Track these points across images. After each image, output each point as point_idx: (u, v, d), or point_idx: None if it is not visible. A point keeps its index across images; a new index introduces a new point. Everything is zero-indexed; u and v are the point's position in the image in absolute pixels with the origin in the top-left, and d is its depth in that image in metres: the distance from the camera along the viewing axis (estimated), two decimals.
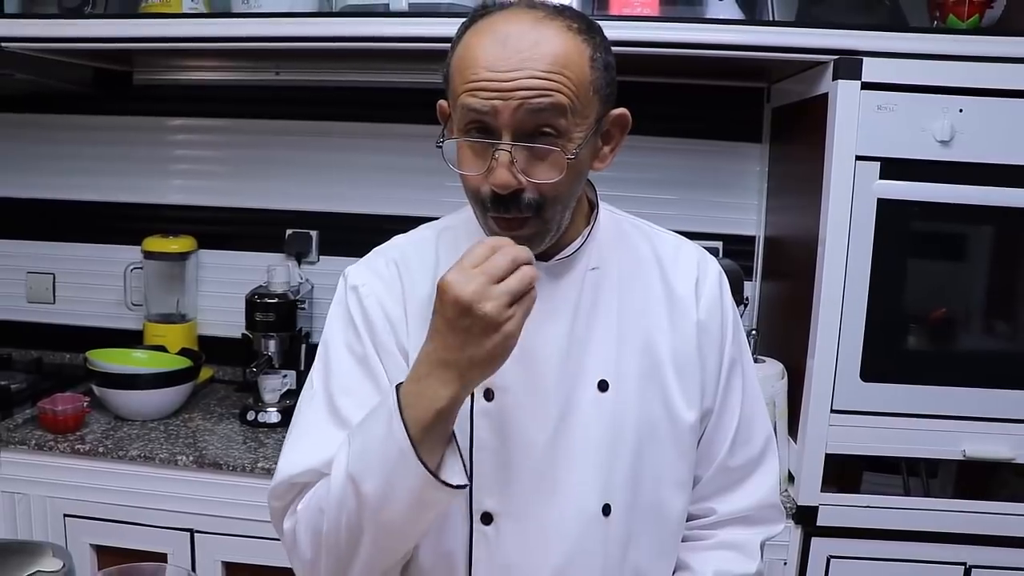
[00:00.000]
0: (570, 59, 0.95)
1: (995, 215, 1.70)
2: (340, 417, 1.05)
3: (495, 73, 0.93)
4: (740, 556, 1.16)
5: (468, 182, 1.01)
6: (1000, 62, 1.65)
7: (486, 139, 0.96)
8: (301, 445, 1.06)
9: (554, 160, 0.96)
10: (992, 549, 1.73)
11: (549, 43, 0.94)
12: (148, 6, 2.03)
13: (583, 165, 1.01)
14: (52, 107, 2.47)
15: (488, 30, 0.97)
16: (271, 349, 2.19)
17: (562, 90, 0.94)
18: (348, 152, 2.38)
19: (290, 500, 1.05)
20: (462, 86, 0.96)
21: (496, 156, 0.95)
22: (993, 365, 1.74)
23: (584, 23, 1.00)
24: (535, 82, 0.93)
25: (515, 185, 0.96)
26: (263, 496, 1.10)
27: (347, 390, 1.07)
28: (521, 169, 0.96)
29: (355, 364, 1.08)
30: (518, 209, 0.98)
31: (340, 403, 1.06)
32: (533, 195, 0.97)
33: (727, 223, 2.28)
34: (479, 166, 0.98)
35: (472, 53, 0.96)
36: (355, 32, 1.86)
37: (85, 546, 1.92)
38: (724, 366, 1.14)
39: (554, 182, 0.97)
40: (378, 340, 1.09)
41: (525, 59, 0.93)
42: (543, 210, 0.99)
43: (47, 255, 2.53)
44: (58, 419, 1.96)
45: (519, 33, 0.95)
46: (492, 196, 0.97)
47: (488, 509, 1.05)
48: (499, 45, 0.94)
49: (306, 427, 1.08)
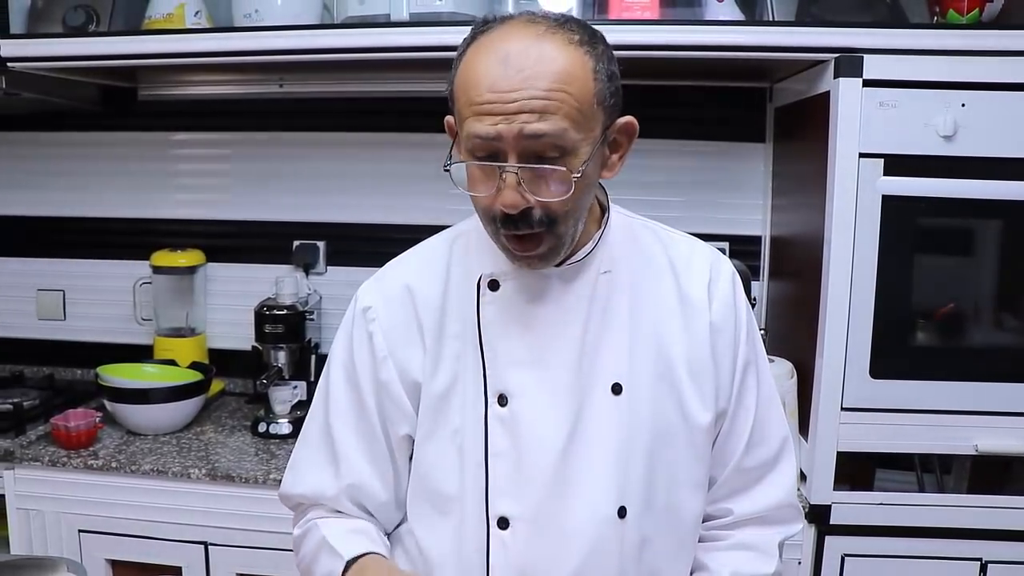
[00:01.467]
0: (572, 74, 0.95)
1: (1000, 209, 1.69)
2: (333, 451, 1.15)
3: (498, 94, 0.94)
4: (758, 556, 1.16)
5: (479, 203, 1.02)
6: (1001, 56, 1.65)
7: (492, 162, 0.97)
8: (298, 471, 1.19)
9: (561, 178, 0.97)
10: (1008, 544, 1.73)
11: (551, 60, 0.94)
12: (152, 22, 2.05)
13: (591, 178, 1.02)
14: (59, 125, 2.49)
15: (489, 48, 0.97)
16: (281, 361, 2.20)
17: (565, 108, 0.94)
18: (354, 162, 2.39)
19: (294, 506, 1.22)
20: (467, 108, 0.97)
21: (503, 178, 0.96)
22: (1003, 359, 1.74)
23: (586, 34, 1.00)
24: (537, 103, 0.93)
25: (523, 205, 0.97)
26: (276, 507, 1.16)
27: (341, 427, 1.15)
28: (529, 189, 0.96)
29: (350, 405, 1.15)
30: (529, 226, 0.99)
31: (335, 441, 1.15)
32: (543, 213, 0.98)
33: (733, 223, 2.28)
34: (488, 187, 0.99)
35: (474, 73, 0.96)
36: (357, 43, 1.87)
37: (100, 561, 1.93)
38: (738, 367, 1.14)
39: (563, 199, 0.97)
40: (378, 376, 1.13)
41: (527, 78, 0.93)
42: (556, 225, 1.00)
43: (57, 272, 2.54)
44: (71, 435, 1.97)
45: (520, 51, 0.95)
46: (503, 215, 0.98)
47: (504, 513, 1.06)
48: (501, 64, 0.94)
49: (304, 455, 1.19)
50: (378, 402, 1.13)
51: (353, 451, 1.13)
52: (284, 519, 1.26)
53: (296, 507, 1.21)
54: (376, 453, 1.14)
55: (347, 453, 1.14)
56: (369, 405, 1.13)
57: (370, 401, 1.13)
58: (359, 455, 1.13)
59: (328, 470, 1.15)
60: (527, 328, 1.09)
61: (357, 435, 1.14)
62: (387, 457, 1.14)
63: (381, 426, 1.13)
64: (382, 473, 1.14)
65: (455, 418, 1.09)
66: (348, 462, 1.13)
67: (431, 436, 1.11)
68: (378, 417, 1.13)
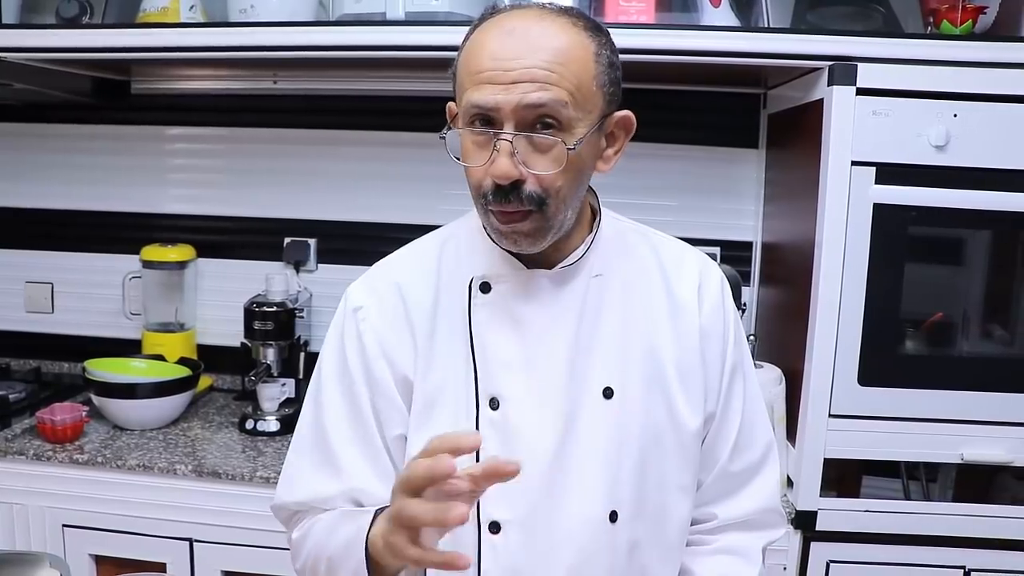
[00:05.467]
0: (574, 52, 0.97)
1: (990, 219, 1.70)
2: (329, 453, 1.11)
3: (499, 62, 0.95)
4: (741, 561, 1.16)
5: (471, 175, 1.02)
6: (994, 67, 1.66)
7: (488, 130, 0.98)
8: (293, 479, 1.15)
9: (555, 152, 0.97)
10: (992, 552, 1.73)
11: (554, 36, 0.97)
12: (146, 15, 2.03)
13: (584, 162, 1.02)
14: (50, 116, 2.47)
15: (495, 25, 0.99)
16: (270, 358, 2.19)
17: (564, 83, 0.96)
18: (346, 160, 2.39)
19: (290, 516, 1.16)
20: (468, 78, 0.98)
21: (497, 147, 0.96)
22: (990, 368, 1.75)
23: (591, 23, 1.02)
24: (538, 72, 0.94)
25: (516, 175, 0.97)
26: (262, 505, 1.13)
27: (336, 428, 1.12)
28: (522, 160, 0.97)
29: (344, 404, 1.13)
30: (519, 201, 0.99)
31: (331, 442, 1.12)
32: (534, 188, 0.98)
33: (725, 229, 2.29)
34: (482, 158, 0.99)
35: (478, 46, 0.98)
36: (352, 41, 1.87)
37: (84, 556, 1.92)
38: (726, 371, 1.15)
39: (554, 174, 0.98)
40: (371, 375, 1.11)
41: (529, 49, 0.95)
42: (545, 205, 1.00)
43: (46, 265, 2.53)
44: (57, 429, 1.95)
45: (525, 26, 0.97)
46: (494, 188, 0.98)
47: (496, 518, 1.06)
48: (504, 36, 0.97)
49: (298, 462, 1.15)
50: (372, 401, 1.10)
51: (351, 452, 1.10)
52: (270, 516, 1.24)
53: (291, 517, 1.16)
54: (374, 453, 1.10)
55: (345, 454, 1.10)
56: (363, 404, 1.11)
57: (364, 400, 1.11)
58: (357, 456, 1.10)
59: (326, 472, 1.11)
60: (518, 331, 1.09)
61: (353, 435, 1.11)
62: (385, 457, 1.10)
63: (377, 426, 1.10)
64: (380, 473, 1.10)
65: (446, 421, 1.08)
66: (347, 464, 1.10)
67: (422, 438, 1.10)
68: (373, 417, 1.10)
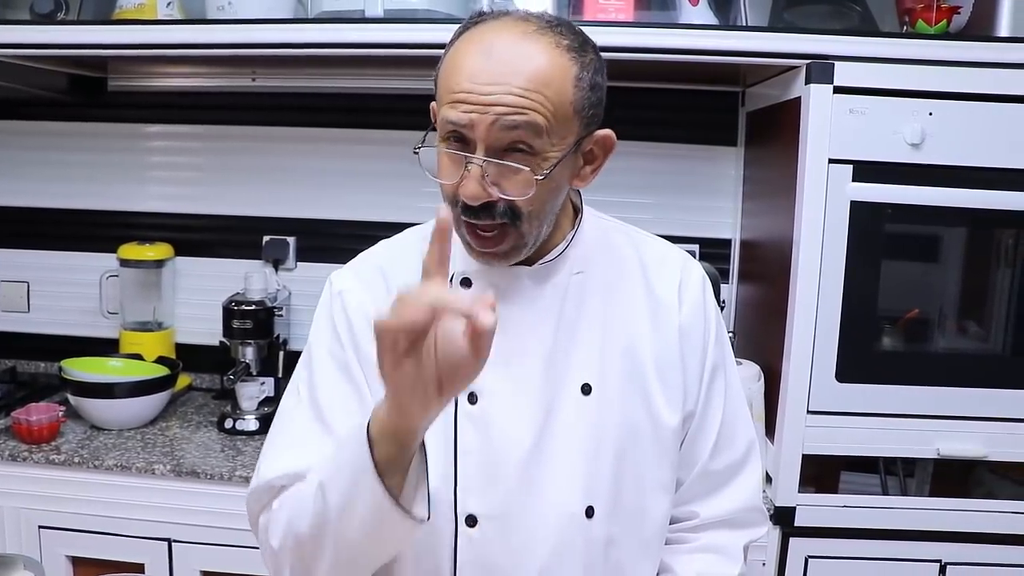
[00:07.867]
0: (552, 77, 0.95)
1: (965, 216, 1.72)
2: (324, 423, 1.06)
3: (475, 85, 0.94)
4: (722, 559, 1.16)
5: (444, 190, 1.02)
6: (967, 66, 1.68)
7: (461, 150, 0.97)
8: (284, 450, 1.07)
9: (524, 178, 0.96)
10: (967, 546, 1.76)
11: (532, 59, 0.95)
12: (123, 12, 2.01)
13: (557, 184, 1.01)
14: (26, 113, 2.44)
15: (477, 39, 0.97)
16: (249, 356, 2.17)
17: (539, 109, 0.94)
18: (325, 158, 2.38)
19: (267, 501, 1.05)
20: (446, 95, 0.97)
21: (468, 168, 0.96)
22: (965, 364, 1.77)
23: (577, 40, 1.00)
24: (512, 99, 0.93)
25: (484, 198, 0.96)
26: (241, 504, 1.10)
27: (330, 397, 1.08)
28: (492, 182, 0.96)
29: (337, 371, 1.09)
30: (490, 216, 0.99)
31: (324, 410, 1.07)
32: (506, 206, 0.98)
33: (703, 226, 2.30)
34: (455, 175, 0.98)
35: (458, 62, 0.97)
36: (331, 39, 1.86)
37: (61, 558, 1.90)
38: (706, 370, 1.15)
39: (523, 200, 0.97)
40: (360, 348, 1.09)
41: (506, 73, 0.93)
42: (519, 222, 1.00)
43: (21, 263, 2.50)
44: (32, 429, 1.93)
45: (504, 46, 0.95)
46: (464, 204, 0.98)
47: (472, 511, 1.06)
48: (483, 56, 0.95)
49: (290, 433, 1.09)
50: (365, 373, 1.08)
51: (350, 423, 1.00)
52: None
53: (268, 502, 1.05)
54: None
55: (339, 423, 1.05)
56: (356, 374, 1.08)
57: (356, 370, 1.09)
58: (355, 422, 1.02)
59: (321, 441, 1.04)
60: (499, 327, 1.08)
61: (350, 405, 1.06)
62: None
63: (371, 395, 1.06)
64: None
65: None
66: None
67: None
68: (367, 388, 1.07)
